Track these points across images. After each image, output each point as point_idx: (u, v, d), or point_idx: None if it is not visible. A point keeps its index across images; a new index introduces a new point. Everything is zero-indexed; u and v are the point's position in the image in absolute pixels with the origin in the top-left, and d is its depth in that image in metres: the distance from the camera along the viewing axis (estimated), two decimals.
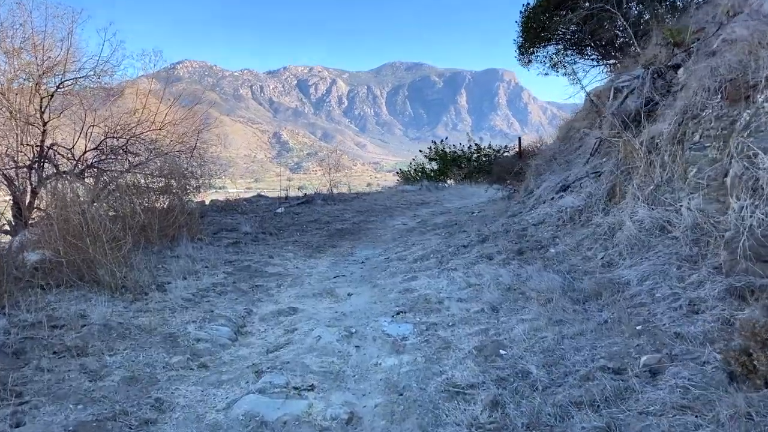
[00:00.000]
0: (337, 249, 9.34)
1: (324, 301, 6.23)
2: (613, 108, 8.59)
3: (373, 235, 10.77)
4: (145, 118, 14.20)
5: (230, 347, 4.99)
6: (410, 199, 17.08)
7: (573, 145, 10.99)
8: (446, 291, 5.89)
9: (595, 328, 4.30)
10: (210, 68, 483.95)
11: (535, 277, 5.66)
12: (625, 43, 15.50)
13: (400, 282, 6.55)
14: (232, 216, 12.64)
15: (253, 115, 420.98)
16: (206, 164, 14.59)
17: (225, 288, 6.63)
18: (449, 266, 6.69)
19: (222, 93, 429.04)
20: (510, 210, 10.01)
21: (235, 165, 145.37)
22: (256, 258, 8.27)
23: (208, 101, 17.04)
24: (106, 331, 5.00)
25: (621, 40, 15.58)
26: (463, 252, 7.22)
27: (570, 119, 13.74)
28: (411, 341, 4.72)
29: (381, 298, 6.06)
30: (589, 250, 6.03)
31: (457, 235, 8.75)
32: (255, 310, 6.01)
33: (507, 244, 6.87)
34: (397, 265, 7.46)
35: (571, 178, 8.41)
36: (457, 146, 27.09)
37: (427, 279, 6.41)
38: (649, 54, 10.33)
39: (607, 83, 12.70)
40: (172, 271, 7.22)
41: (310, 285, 6.94)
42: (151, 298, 6.09)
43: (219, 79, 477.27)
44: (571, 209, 6.86)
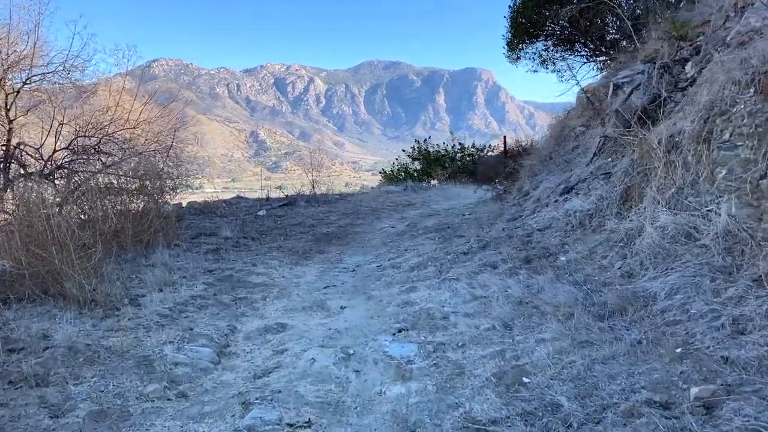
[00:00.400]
0: (324, 255, 8.78)
1: (315, 316, 5.68)
2: (616, 105, 8.14)
3: (361, 240, 10.23)
4: (119, 116, 13.52)
5: (213, 371, 4.43)
6: (396, 200, 16.56)
7: (569, 144, 10.54)
8: (450, 304, 5.38)
9: (628, 351, 3.81)
10: (186, 66, 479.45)
11: (547, 289, 5.17)
12: (617, 38, 15.12)
13: (397, 293, 6.02)
14: (211, 219, 12.03)
15: (229, 113, 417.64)
16: (183, 164, 13.98)
17: (205, 301, 6.05)
18: (450, 276, 6.18)
19: (198, 91, 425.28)
20: (506, 213, 9.52)
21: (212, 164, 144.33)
22: (238, 266, 7.69)
23: (184, 99, 16.40)
24: (72, 356, 4.42)
25: (612, 36, 15.21)
26: (463, 260, 6.71)
27: (562, 117, 13.31)
28: (418, 365, 4.19)
29: (378, 313, 5.52)
30: (604, 258, 5.55)
31: (453, 240, 8.23)
32: (239, 326, 5.45)
33: (512, 252, 6.36)
34: (392, 273, 6.93)
35: (573, 179, 7.94)
36: (440, 146, 26.63)
37: (428, 290, 5.89)
38: (650, 49, 9.90)
39: (602, 80, 12.28)
40: (147, 282, 6.62)
41: (298, 297, 6.38)
42: (123, 313, 5.51)
43: (195, 77, 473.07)
44: (581, 213, 6.38)
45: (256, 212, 12.94)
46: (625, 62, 11.00)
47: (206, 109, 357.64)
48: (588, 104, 10.94)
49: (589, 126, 10.48)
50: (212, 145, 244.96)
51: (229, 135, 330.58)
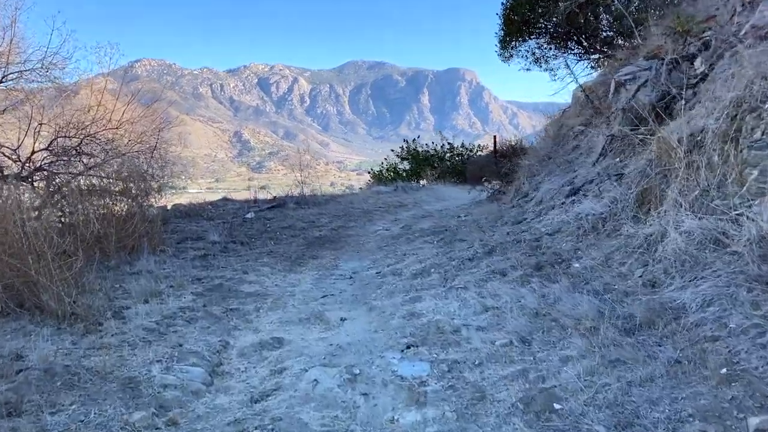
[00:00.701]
0: (318, 261, 8.37)
1: (314, 329, 5.28)
2: (621, 103, 7.82)
3: (356, 243, 9.83)
4: (101, 116, 13.05)
5: (205, 394, 4.02)
6: (387, 201, 16.17)
7: (568, 143, 10.22)
8: (460, 316, 5.00)
9: (667, 372, 3.46)
10: (169, 66, 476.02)
11: (565, 299, 4.81)
12: (611, 36, 14.85)
13: (401, 303, 5.63)
14: (197, 222, 11.58)
15: (213, 113, 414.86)
16: (167, 165, 13.52)
17: (194, 313, 5.63)
18: (457, 284, 5.80)
19: (181, 92, 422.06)
20: (506, 215, 9.18)
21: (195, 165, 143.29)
22: (228, 274, 7.27)
23: (167, 100, 15.91)
24: (48, 379, 3.99)
25: (606, 33, 14.93)
26: (469, 266, 6.34)
27: (557, 116, 13.02)
28: (432, 387, 3.81)
29: (382, 325, 5.14)
30: (622, 265, 5.21)
31: (454, 244, 7.86)
32: (232, 341, 5.04)
33: (521, 258, 6.00)
34: (393, 281, 6.54)
35: (578, 180, 7.61)
36: (429, 145, 26.30)
37: (434, 300, 5.51)
38: (652, 45, 9.60)
39: (599, 78, 11.99)
40: (131, 292, 6.19)
41: (294, 307, 5.97)
42: (106, 329, 5.08)
43: (178, 77, 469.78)
44: (593, 217, 6.03)
45: (243, 215, 12.50)
46: (625, 59, 10.70)
47: (189, 109, 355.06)
48: (587, 103, 10.63)
49: (589, 125, 10.17)
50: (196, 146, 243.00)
51: (212, 135, 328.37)
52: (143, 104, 14.72)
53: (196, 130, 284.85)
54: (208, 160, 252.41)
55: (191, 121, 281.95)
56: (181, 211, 12.27)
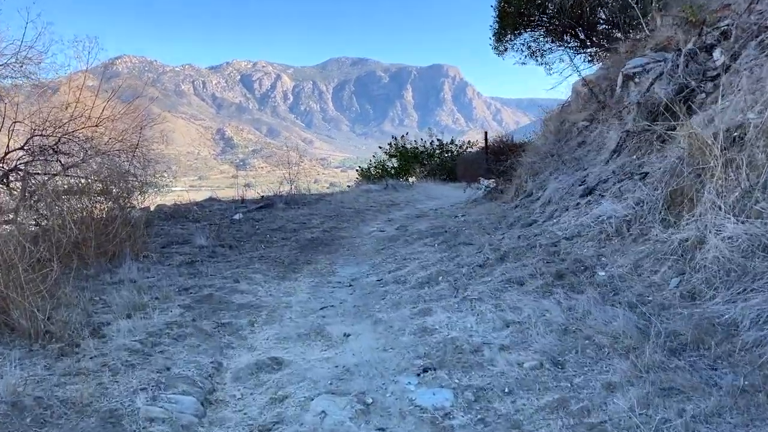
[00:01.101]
0: (313, 266, 7.86)
1: (315, 347, 4.78)
2: (634, 97, 7.37)
3: (351, 246, 9.33)
4: (80, 113, 12.46)
5: (197, 429, 3.52)
6: (378, 199, 15.70)
7: (572, 140, 9.77)
8: (479, 333, 4.51)
9: (735, 404, 2.99)
10: (150, 63, 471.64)
11: (595, 313, 4.34)
12: (608, 28, 14.45)
13: (409, 317, 5.13)
14: (182, 225, 11.02)
15: (195, 111, 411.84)
16: (150, 164, 12.95)
17: (183, 330, 5.09)
18: (470, 294, 5.30)
19: (163, 89, 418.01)
20: (510, 216, 8.71)
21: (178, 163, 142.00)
22: (217, 282, 6.73)
23: (149, 96, 15.30)
24: (17, 415, 3.47)
25: (603, 26, 14.53)
26: (481, 274, 5.84)
27: (557, 112, 12.57)
28: (459, 420, 3.33)
29: (391, 343, 4.63)
30: (654, 274, 4.74)
31: (459, 248, 7.37)
32: (225, 362, 4.52)
33: (538, 265, 5.52)
34: (398, 290, 6.04)
35: (591, 179, 7.16)
36: (418, 142, 25.84)
37: (446, 313, 5.01)
38: (661, 36, 9.17)
39: (601, 71, 11.56)
40: (112, 305, 5.65)
41: (291, 321, 5.46)
42: (84, 350, 4.54)
43: (160, 74, 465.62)
44: (616, 220, 5.56)
45: (231, 216, 11.96)
46: (630, 52, 10.27)
47: (171, 106, 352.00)
48: (591, 97, 10.19)
49: (594, 120, 9.74)
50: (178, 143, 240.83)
51: (195, 132, 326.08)
52: (124, 101, 14.14)
53: (179, 128, 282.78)
54: (191, 158, 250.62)
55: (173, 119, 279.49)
56: (165, 212, 11.70)
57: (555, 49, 15.24)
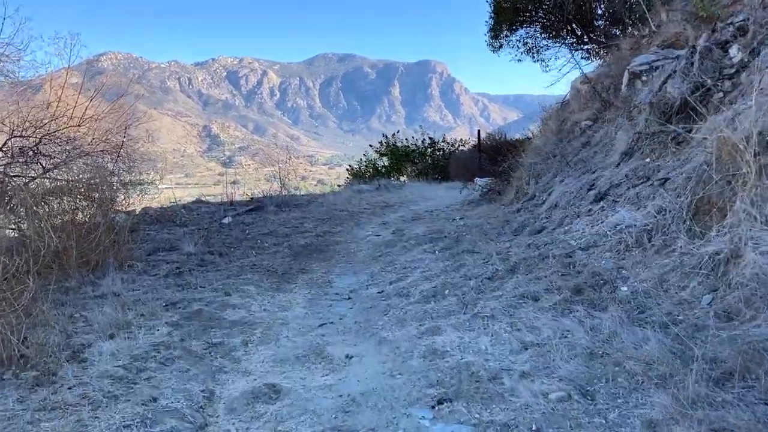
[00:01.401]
0: (309, 276, 7.46)
1: (315, 371, 4.39)
2: (644, 95, 7.02)
3: (346, 253, 8.94)
4: (61, 112, 11.98)
5: None
6: (371, 201, 15.31)
7: (575, 140, 9.42)
8: (495, 356, 4.14)
9: None
10: (135, 60, 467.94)
11: (622, 334, 3.97)
12: (606, 25, 14.13)
13: (416, 336, 4.75)
14: (169, 229, 10.59)
15: (181, 108, 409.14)
16: (136, 165, 12.51)
17: (171, 352, 4.68)
18: (481, 311, 4.93)
19: (148, 85, 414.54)
20: (514, 221, 8.34)
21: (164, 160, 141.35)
22: (207, 295, 6.31)
23: (135, 94, 14.82)
24: None
25: (601, 22, 14.21)
26: (491, 287, 5.47)
27: (555, 110, 12.23)
28: None
29: (399, 367, 4.25)
30: (682, 290, 4.39)
31: (463, 256, 7.00)
32: (218, 390, 4.12)
33: (553, 278, 5.15)
34: (401, 305, 5.65)
35: (602, 183, 6.80)
36: (409, 140, 25.44)
37: (456, 332, 4.63)
38: (668, 33, 8.83)
39: (602, 68, 11.22)
40: (94, 323, 5.23)
41: (288, 340, 5.06)
42: (62, 378, 4.13)
43: (145, 71, 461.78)
44: (635, 229, 5.20)
45: (220, 220, 11.53)
46: (633, 49, 9.93)
47: (157, 103, 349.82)
48: (594, 95, 9.84)
49: (598, 120, 9.39)
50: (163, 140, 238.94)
51: (180, 130, 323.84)
52: (108, 100, 13.67)
53: (165, 125, 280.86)
54: (177, 155, 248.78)
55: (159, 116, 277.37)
56: (150, 216, 11.25)
57: (551, 45, 14.93)
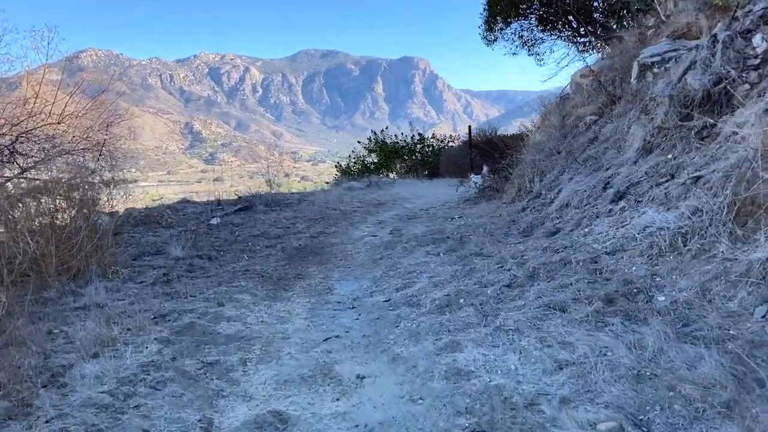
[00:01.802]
0: (306, 282, 6.99)
1: (324, 395, 3.93)
2: (667, 89, 6.62)
3: (343, 255, 8.47)
4: (39, 109, 11.45)
5: None
6: (363, 199, 14.85)
7: (581, 136, 9.02)
8: (527, 377, 3.70)
9: None
10: (116, 57, 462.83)
11: (670, 352, 3.56)
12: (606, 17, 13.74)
13: (434, 352, 4.30)
14: (154, 231, 10.06)
15: (163, 105, 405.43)
16: (118, 163, 12.01)
17: (162, 373, 4.20)
18: (504, 323, 4.48)
19: (129, 82, 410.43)
20: (521, 221, 7.93)
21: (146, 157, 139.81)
22: (199, 306, 5.83)
23: (116, 91, 14.27)
24: None
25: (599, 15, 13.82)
26: (510, 296, 5.03)
27: (555, 105, 11.84)
28: None
29: (420, 390, 3.80)
30: (729, 301, 3.97)
31: (472, 260, 6.57)
32: (217, 419, 3.65)
33: (580, 285, 4.72)
34: (412, 315, 5.19)
35: (619, 181, 6.40)
36: (398, 136, 24.99)
37: (479, 349, 4.19)
38: (679, 22, 8.45)
39: (605, 61, 10.83)
40: (75, 339, 4.74)
41: (291, 358, 4.59)
42: (39, 408, 3.64)
43: (126, 68, 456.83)
44: (668, 232, 4.78)
45: (207, 220, 11.01)
46: (640, 41, 9.54)
47: (138, 100, 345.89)
48: (599, 89, 9.44)
49: (603, 114, 9.00)
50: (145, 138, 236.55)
51: (162, 127, 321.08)
52: (89, 96, 13.16)
53: (146, 122, 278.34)
54: (159, 153, 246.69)
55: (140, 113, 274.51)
56: (135, 217, 10.71)
57: (546, 38, 14.53)
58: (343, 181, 20.69)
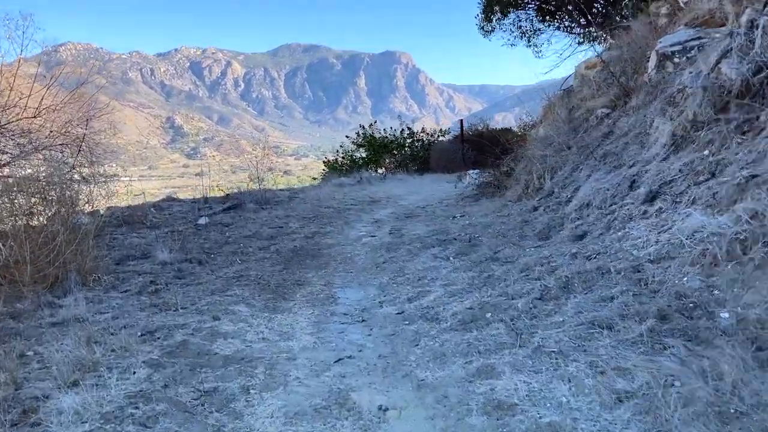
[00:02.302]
0: (307, 289, 6.41)
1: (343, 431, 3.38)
2: (698, 80, 6.11)
3: (343, 258, 7.90)
4: (14, 102, 10.78)
5: None
6: (355, 196, 14.28)
7: (593, 130, 8.52)
8: (583, 412, 3.16)
9: None
10: (96, 51, 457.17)
11: (752, 383, 3.04)
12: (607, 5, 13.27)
13: (465, 378, 3.74)
14: (139, 232, 9.44)
15: (143, 99, 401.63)
16: (99, 159, 11.35)
17: (152, 406, 3.62)
18: (543, 344, 3.93)
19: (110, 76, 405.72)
20: (537, 221, 7.40)
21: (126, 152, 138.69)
22: (191, 319, 5.24)
23: (96, 84, 13.60)
24: None
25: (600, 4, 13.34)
26: (545, 310, 4.47)
27: (559, 98, 11.34)
28: None
29: (456, 428, 3.21)
30: None
31: (488, 265, 6.02)
32: None
33: (625, 299, 4.17)
34: (431, 331, 4.62)
35: (649, 179, 5.88)
36: (387, 131, 24.41)
37: (519, 375, 3.63)
38: (699, 9, 7.95)
39: (613, 52, 10.33)
40: (52, 364, 4.14)
41: (300, 383, 4.01)
42: None
43: (106, 61, 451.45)
44: (724, 238, 4.26)
45: (195, 220, 10.39)
46: (658, 30, 9.06)
47: (118, 94, 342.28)
48: (611, 81, 8.94)
49: (616, 107, 8.50)
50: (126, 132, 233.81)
51: (143, 121, 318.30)
52: (68, 89, 12.50)
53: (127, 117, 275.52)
54: (140, 147, 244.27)
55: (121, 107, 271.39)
56: (117, 217, 10.06)
57: (545, 29, 14.04)
58: (332, 177, 20.08)
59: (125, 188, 13.56)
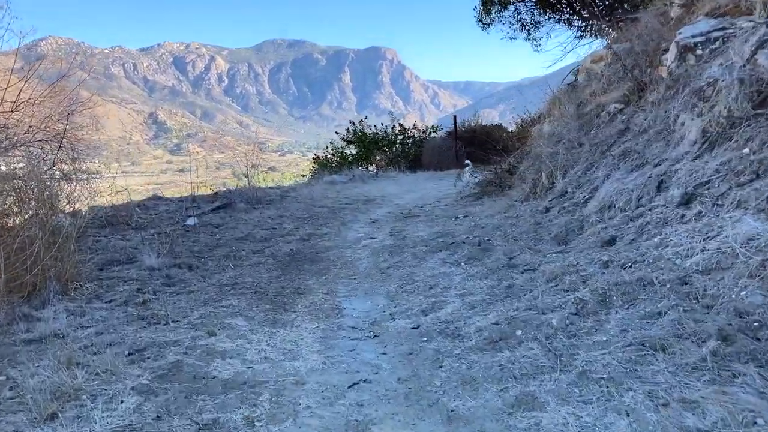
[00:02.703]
0: (308, 299, 5.90)
1: None
2: (731, 73, 5.68)
3: (343, 262, 7.41)
4: None
5: None
6: (349, 194, 13.78)
7: (606, 127, 8.08)
8: None
9: None
10: (77, 45, 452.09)
11: None
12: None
13: (502, 408, 3.25)
14: (123, 234, 8.89)
15: (126, 94, 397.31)
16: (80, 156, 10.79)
17: None
18: (587, 368, 3.46)
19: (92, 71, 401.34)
20: (551, 223, 6.95)
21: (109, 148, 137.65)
22: (184, 335, 4.73)
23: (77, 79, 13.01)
24: None
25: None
26: (584, 327, 3.99)
27: (563, 92, 10.90)
28: None
29: None
30: None
31: (508, 274, 5.56)
32: None
33: (675, 316, 3.71)
34: (455, 350, 4.12)
35: (680, 180, 5.44)
36: (378, 127, 23.90)
37: (565, 406, 3.16)
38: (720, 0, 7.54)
39: (621, 45, 9.90)
40: (26, 392, 3.62)
41: (312, 414, 3.50)
42: None
43: (88, 56, 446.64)
44: None
45: (183, 220, 9.85)
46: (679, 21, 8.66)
47: (101, 89, 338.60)
48: (623, 75, 8.51)
49: (630, 102, 8.07)
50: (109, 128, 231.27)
51: (126, 117, 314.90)
52: (48, 82, 11.93)
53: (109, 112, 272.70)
54: (123, 143, 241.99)
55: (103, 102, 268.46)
56: (101, 218, 9.48)
57: (545, 22, 13.61)
58: (323, 174, 19.55)
59: (109, 187, 13.00)
